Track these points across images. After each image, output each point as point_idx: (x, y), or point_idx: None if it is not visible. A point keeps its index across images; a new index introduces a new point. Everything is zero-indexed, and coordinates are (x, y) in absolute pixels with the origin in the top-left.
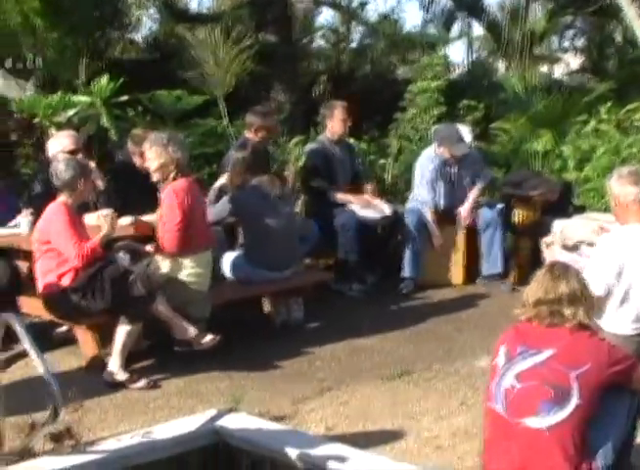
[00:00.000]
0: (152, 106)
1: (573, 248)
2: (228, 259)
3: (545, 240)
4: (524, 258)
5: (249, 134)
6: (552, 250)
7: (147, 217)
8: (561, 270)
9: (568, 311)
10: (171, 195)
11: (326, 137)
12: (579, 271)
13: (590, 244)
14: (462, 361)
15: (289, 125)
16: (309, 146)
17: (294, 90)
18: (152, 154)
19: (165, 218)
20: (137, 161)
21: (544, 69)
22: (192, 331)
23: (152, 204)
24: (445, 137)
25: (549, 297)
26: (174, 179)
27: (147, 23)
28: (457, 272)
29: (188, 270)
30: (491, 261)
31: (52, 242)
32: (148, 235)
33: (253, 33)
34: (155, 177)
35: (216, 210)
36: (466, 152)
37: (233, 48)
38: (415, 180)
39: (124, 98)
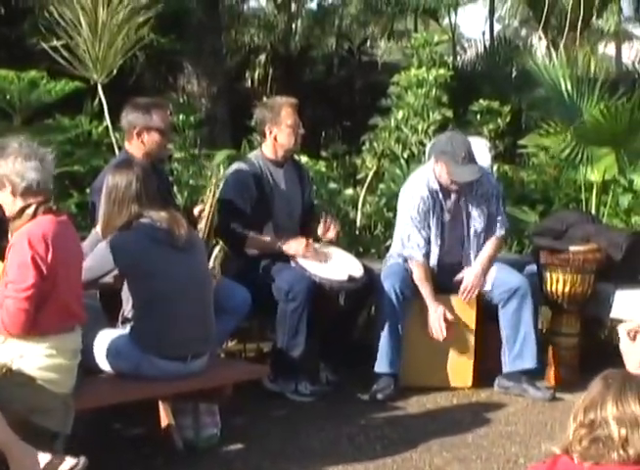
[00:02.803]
0: None
1: None
2: (105, 341)
3: (626, 327)
4: (568, 349)
5: (129, 145)
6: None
7: None
8: (615, 380)
9: (615, 435)
10: (22, 244)
11: (262, 155)
12: None
13: None
14: None
15: (207, 132)
16: (233, 168)
17: (215, 76)
18: None
19: (9, 277)
20: None
21: (607, 50)
22: (40, 459)
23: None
24: (445, 152)
25: (589, 417)
26: (33, 217)
27: None
28: (462, 369)
29: (42, 361)
30: (518, 352)
31: None
32: None
33: None
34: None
35: (85, 265)
36: (475, 178)
37: (121, 8)
38: (399, 221)
39: None
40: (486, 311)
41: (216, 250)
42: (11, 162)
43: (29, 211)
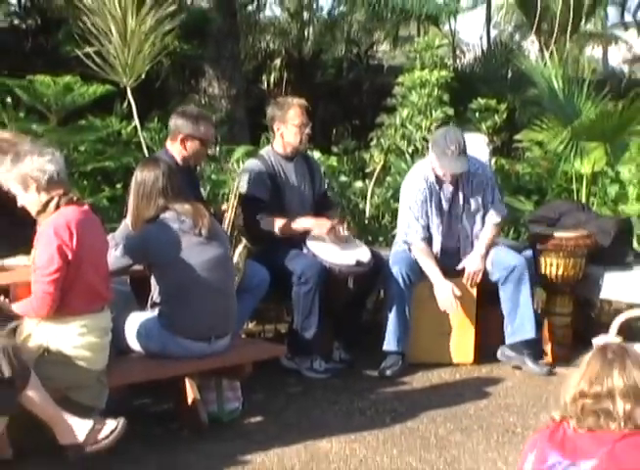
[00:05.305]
0: (27, 97)
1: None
2: (135, 323)
3: (598, 341)
4: (562, 327)
5: (171, 145)
6: None
7: (13, 260)
8: (616, 354)
9: (620, 410)
10: (48, 233)
11: (272, 151)
12: None
13: None
14: None
15: (227, 131)
16: (246, 165)
17: (233, 79)
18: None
19: (37, 264)
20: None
21: (595, 52)
22: (84, 425)
23: (27, 238)
24: (438, 145)
25: (595, 389)
26: (56, 208)
27: None
28: (464, 346)
29: (74, 340)
30: (519, 324)
31: None
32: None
33: None
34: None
35: (117, 254)
36: (460, 171)
37: (149, 18)
38: (400, 211)
39: None
40: (486, 293)
41: (240, 247)
42: (28, 160)
43: (53, 203)
